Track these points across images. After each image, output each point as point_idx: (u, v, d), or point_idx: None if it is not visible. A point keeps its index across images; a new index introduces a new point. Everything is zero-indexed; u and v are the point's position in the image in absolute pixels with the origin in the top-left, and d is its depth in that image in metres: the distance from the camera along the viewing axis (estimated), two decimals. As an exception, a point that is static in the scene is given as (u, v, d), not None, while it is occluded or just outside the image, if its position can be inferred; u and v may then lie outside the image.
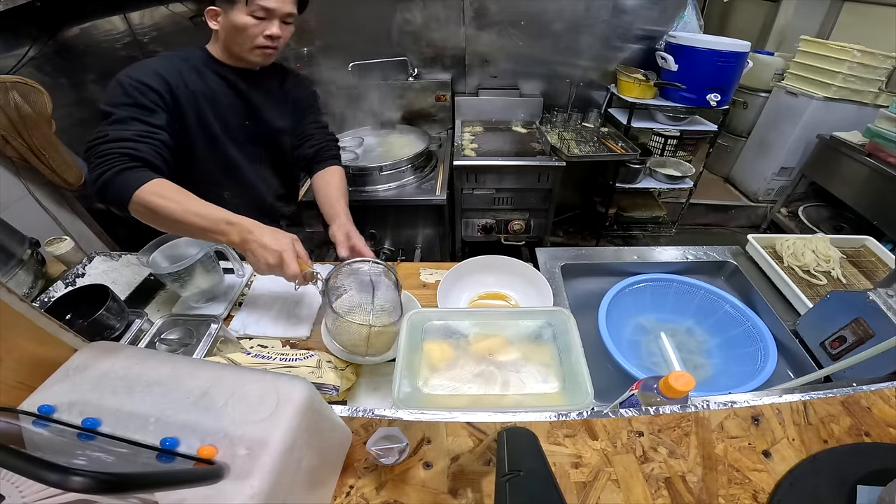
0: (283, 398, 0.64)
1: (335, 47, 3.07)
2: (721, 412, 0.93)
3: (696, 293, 1.55)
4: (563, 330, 1.11)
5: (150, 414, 0.61)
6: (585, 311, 1.46)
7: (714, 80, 2.92)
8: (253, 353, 1.16)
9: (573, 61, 3.26)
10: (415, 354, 1.07)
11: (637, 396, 0.95)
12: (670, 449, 0.87)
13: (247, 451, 0.58)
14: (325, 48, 3.09)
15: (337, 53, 3.08)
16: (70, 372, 0.65)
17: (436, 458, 0.85)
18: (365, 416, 0.92)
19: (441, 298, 1.46)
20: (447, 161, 2.85)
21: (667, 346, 1.47)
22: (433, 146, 2.99)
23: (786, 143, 3.89)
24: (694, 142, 3.69)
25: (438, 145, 3.14)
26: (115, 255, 1.74)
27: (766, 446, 0.88)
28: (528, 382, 1.02)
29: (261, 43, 1.48)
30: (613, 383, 1.26)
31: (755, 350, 1.35)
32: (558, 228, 4.14)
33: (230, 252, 1.50)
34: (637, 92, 3.08)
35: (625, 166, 3.26)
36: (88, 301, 1.23)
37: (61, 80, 2.70)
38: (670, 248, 1.80)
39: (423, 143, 2.85)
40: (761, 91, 4.13)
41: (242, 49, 1.50)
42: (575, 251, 1.78)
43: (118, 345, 0.72)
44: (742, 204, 4.33)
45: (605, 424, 0.91)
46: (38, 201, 2.36)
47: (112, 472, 0.39)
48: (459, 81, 3.35)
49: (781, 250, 1.70)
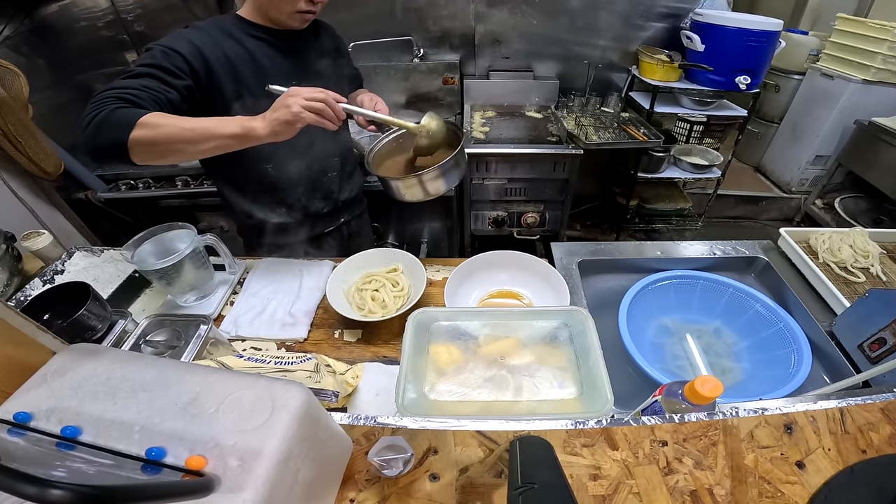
0: (279, 405, 0.64)
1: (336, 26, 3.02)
2: (751, 420, 0.93)
3: (724, 291, 1.54)
4: (580, 331, 1.11)
5: (134, 422, 0.60)
6: (605, 311, 1.46)
7: (743, 61, 2.89)
8: (246, 356, 1.15)
9: (591, 41, 3.25)
10: (420, 357, 1.07)
11: (660, 403, 0.95)
12: (696, 460, 0.86)
13: (239, 462, 0.57)
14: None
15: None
16: (48, 376, 0.65)
17: (443, 470, 0.85)
18: (367, 424, 0.91)
19: (449, 297, 1.46)
20: (455, 148, 2.85)
21: (692, 348, 1.47)
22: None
23: (821, 129, 3.87)
24: (722, 128, 3.66)
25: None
26: (96, 251, 1.74)
27: (799, 457, 0.87)
28: (542, 388, 1.02)
29: (302, 8, 1.48)
30: (635, 389, 1.26)
31: (788, 353, 1.34)
32: (575, 222, 4.14)
33: (221, 247, 1.51)
34: (660, 74, 3.06)
35: (647, 154, 3.25)
36: (68, 300, 1.23)
37: (38, 61, 2.70)
38: (696, 243, 1.79)
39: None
40: (794, 73, 4.09)
41: (281, 13, 1.49)
42: (593, 246, 1.78)
43: (100, 347, 0.72)
44: (774, 195, 4.32)
45: (625, 433, 0.90)
46: (13, 192, 2.37)
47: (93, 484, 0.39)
48: (469, 63, 3.35)
49: (816, 245, 1.69)
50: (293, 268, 1.68)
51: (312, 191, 1.78)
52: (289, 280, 1.62)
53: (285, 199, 1.74)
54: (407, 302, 1.49)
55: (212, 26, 1.48)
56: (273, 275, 1.65)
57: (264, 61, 1.52)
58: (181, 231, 1.48)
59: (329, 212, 1.88)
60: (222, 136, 1.25)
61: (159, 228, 1.46)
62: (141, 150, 1.21)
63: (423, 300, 1.47)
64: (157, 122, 1.21)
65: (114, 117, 1.19)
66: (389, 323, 1.46)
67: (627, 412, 1.04)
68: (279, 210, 1.77)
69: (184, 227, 1.48)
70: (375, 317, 1.43)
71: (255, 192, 1.72)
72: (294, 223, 1.82)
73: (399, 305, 1.48)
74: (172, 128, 1.22)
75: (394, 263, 1.64)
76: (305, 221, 1.84)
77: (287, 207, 1.77)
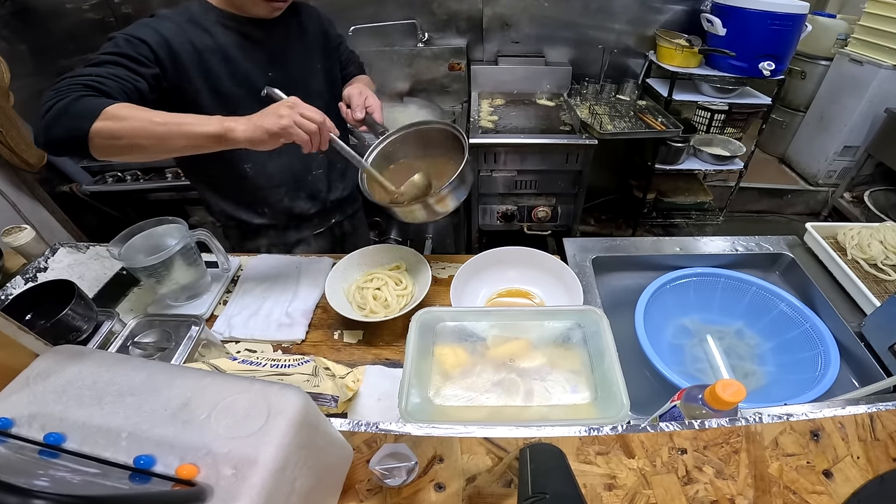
0: (275, 410, 0.64)
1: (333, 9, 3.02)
2: (775, 426, 0.92)
3: (746, 290, 1.54)
4: (594, 332, 1.10)
5: (121, 428, 0.60)
6: (620, 311, 1.46)
7: (767, 46, 2.88)
8: (240, 359, 1.15)
9: (606, 24, 3.25)
10: (425, 360, 1.06)
11: (679, 408, 0.94)
12: (717, 468, 0.86)
13: (233, 471, 0.57)
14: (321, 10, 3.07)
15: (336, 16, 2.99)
16: (30, 380, 0.65)
17: (449, 479, 0.85)
18: (368, 430, 0.91)
19: (455, 296, 1.46)
20: (462, 139, 2.85)
21: (713, 350, 1.47)
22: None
23: (849, 118, 3.84)
24: (744, 117, 3.65)
25: (452, 120, 3.13)
26: (81, 247, 1.75)
27: (827, 465, 0.87)
28: (554, 392, 1.02)
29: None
30: (652, 393, 1.26)
31: (814, 355, 1.34)
32: (589, 216, 4.14)
33: (213, 243, 1.50)
34: (679, 60, 3.05)
35: (665, 145, 3.24)
36: (52, 299, 1.24)
37: (20, 46, 2.72)
38: (717, 239, 1.79)
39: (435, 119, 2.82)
40: (821, 59, 4.06)
41: (245, 1, 1.46)
42: (608, 242, 1.77)
43: (86, 349, 0.72)
44: (799, 188, 4.30)
45: (642, 440, 0.90)
46: (-7, 185, 2.38)
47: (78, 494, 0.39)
48: (476, 48, 3.35)
49: (845, 241, 1.68)
50: (290, 265, 1.68)
51: (296, 190, 1.76)
52: (285, 278, 1.63)
53: (266, 200, 1.72)
54: (411, 301, 1.49)
55: (179, 15, 1.44)
56: (269, 272, 1.65)
57: (234, 52, 1.49)
58: (171, 226, 1.48)
59: (317, 212, 1.86)
60: (197, 136, 1.19)
61: (148, 223, 1.46)
62: (102, 143, 1.16)
63: (428, 299, 1.48)
64: (123, 113, 1.15)
65: (77, 106, 1.14)
66: (392, 323, 1.46)
67: (644, 418, 1.04)
68: (260, 211, 1.75)
69: (174, 221, 1.47)
70: (377, 317, 1.43)
71: (233, 192, 1.70)
72: (278, 225, 1.80)
73: (402, 305, 1.48)
74: (141, 121, 1.16)
75: (397, 260, 1.64)
76: (290, 224, 1.82)
77: (268, 208, 1.75)
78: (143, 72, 1.31)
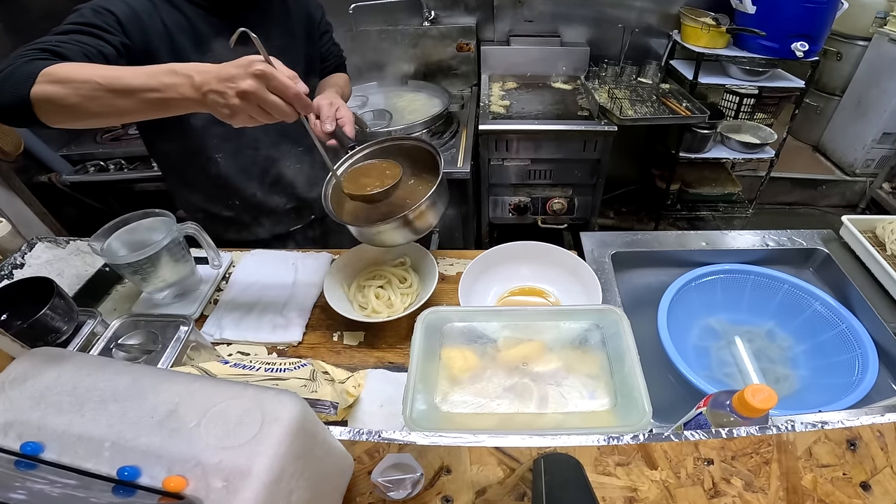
0: (269, 418, 0.64)
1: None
2: (809, 435, 0.92)
3: (778, 288, 1.53)
4: (614, 333, 1.10)
5: (104, 437, 0.60)
6: (642, 311, 1.46)
7: (800, 25, 2.86)
8: (232, 363, 1.16)
9: (627, 2, 3.24)
10: (431, 364, 1.06)
11: (705, 416, 0.94)
12: (746, 480, 0.86)
13: (224, 483, 0.57)
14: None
15: (334, -7, 3.06)
16: (6, 385, 0.65)
17: (457, 492, 0.85)
18: (370, 439, 0.91)
19: (464, 295, 1.46)
20: (471, 125, 2.85)
21: (742, 353, 1.46)
22: (454, 107, 2.98)
23: (889, 102, 3.83)
24: (776, 101, 3.63)
25: (460, 105, 3.14)
26: (61, 242, 1.75)
27: (864, 477, 0.86)
28: (570, 398, 1.02)
29: None
30: (676, 399, 1.26)
31: (851, 358, 1.33)
32: (608, 208, 4.15)
33: (203, 237, 1.50)
34: (705, 40, 3.04)
35: (690, 131, 3.24)
36: (29, 298, 1.24)
37: (-5, 25, 2.71)
38: (746, 233, 1.78)
39: (442, 104, 2.85)
40: (859, 39, 4.05)
41: None
42: (629, 236, 1.77)
43: (65, 352, 0.72)
44: (835, 178, 4.29)
45: (665, 450, 0.90)
46: (-34, 176, 2.39)
47: (57, 509, 0.39)
48: (486, 27, 3.34)
49: (884, 235, 1.67)
50: (286, 261, 1.68)
51: (267, 184, 1.76)
52: (281, 275, 1.63)
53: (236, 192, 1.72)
54: (416, 300, 1.49)
55: None
56: (263, 269, 1.65)
57: (205, 30, 1.48)
58: (158, 219, 1.48)
59: (293, 208, 1.87)
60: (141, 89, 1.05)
61: (133, 216, 1.46)
62: (48, 108, 1.09)
63: (435, 298, 1.47)
64: (66, 72, 1.07)
65: (23, 70, 1.09)
66: (396, 324, 1.46)
67: (668, 426, 1.04)
68: (227, 204, 1.76)
69: (161, 214, 1.48)
70: (380, 317, 1.43)
71: (197, 180, 1.71)
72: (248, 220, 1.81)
73: (407, 304, 1.48)
74: (84, 78, 1.06)
75: (401, 256, 1.64)
76: (260, 219, 1.83)
77: (238, 201, 1.75)
78: (109, 38, 1.29)
